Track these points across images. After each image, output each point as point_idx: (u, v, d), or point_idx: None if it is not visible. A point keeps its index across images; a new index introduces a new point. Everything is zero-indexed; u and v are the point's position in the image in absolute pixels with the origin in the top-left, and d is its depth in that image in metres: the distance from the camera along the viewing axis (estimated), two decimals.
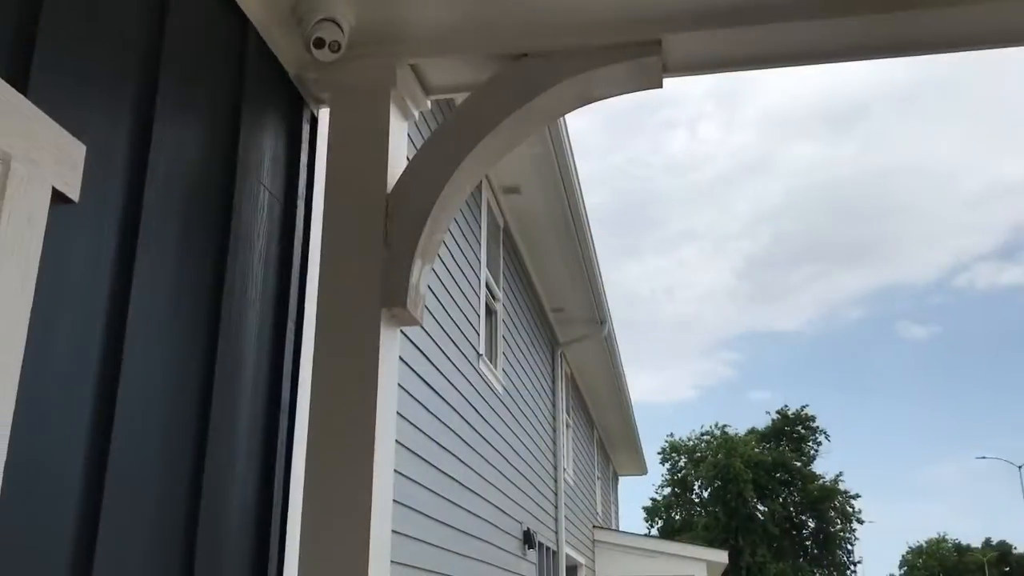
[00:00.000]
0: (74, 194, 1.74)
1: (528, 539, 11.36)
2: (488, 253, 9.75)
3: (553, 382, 14.79)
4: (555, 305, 13.95)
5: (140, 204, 1.98)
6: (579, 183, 10.46)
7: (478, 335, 9.12)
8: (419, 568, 6.73)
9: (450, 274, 8.04)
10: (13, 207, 1.58)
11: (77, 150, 1.77)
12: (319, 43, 2.60)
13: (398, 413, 6.21)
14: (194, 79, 2.27)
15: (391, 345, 2.64)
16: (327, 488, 2.43)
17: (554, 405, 14.72)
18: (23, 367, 1.58)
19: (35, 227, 1.63)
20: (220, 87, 2.41)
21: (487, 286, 9.73)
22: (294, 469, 2.61)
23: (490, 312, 10.07)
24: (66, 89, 1.77)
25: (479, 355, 9.14)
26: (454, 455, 7.91)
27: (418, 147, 2.77)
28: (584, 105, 2.88)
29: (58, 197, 1.70)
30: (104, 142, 1.89)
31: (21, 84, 1.63)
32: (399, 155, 2.82)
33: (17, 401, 1.56)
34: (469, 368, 8.64)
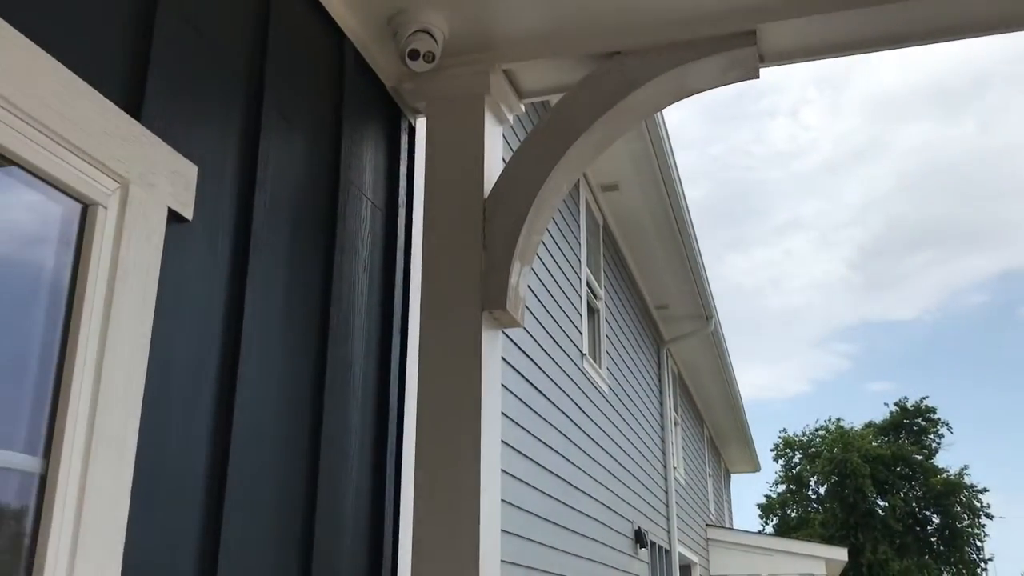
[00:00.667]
0: (188, 213, 1.83)
1: (640, 538, 11.29)
2: (588, 252, 9.73)
3: (660, 380, 14.66)
4: (659, 302, 13.81)
5: (250, 219, 2.07)
6: (679, 176, 10.33)
7: (581, 334, 9.11)
8: (529, 567, 6.77)
9: (550, 274, 8.06)
10: (133, 229, 1.67)
11: (190, 171, 1.86)
12: (414, 54, 2.65)
13: (503, 413, 6.27)
14: (296, 96, 2.35)
15: (493, 347, 2.67)
16: (436, 492, 2.48)
17: (661, 403, 14.58)
18: (146, 381, 1.67)
19: (153, 246, 1.72)
20: (321, 102, 2.49)
21: (588, 285, 9.71)
22: (404, 473, 2.67)
23: (592, 311, 10.05)
24: (177, 113, 1.87)
25: (582, 354, 9.13)
26: (560, 454, 7.92)
27: (514, 150, 2.80)
28: (680, 99, 2.85)
29: (173, 217, 1.80)
30: (214, 161, 1.98)
31: (135, 110, 1.73)
32: (495, 159, 2.86)
33: (141, 414, 1.65)
34: (573, 367, 8.65)
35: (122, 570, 1.56)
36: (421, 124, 2.99)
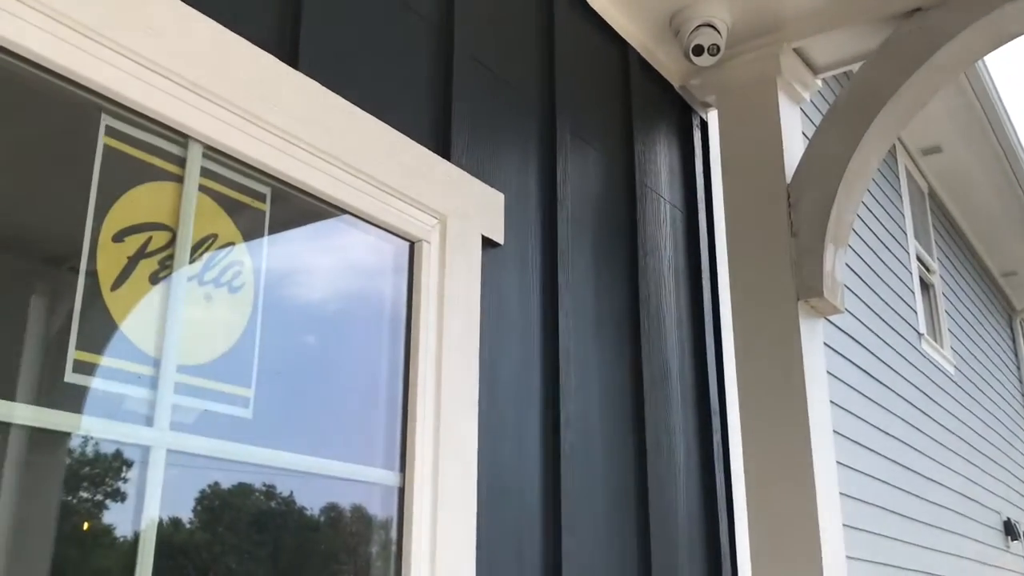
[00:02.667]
0: (500, 238, 1.96)
1: (1010, 530, 10.19)
2: (914, 223, 8.99)
3: (1016, 354, 13.17)
4: (1005, 269, 12.41)
5: (555, 236, 2.16)
6: (1013, 126, 9.25)
7: (916, 313, 8.43)
8: (882, 564, 6.36)
9: (873, 252, 7.55)
10: (453, 259, 1.81)
11: (498, 199, 1.98)
12: (698, 50, 2.63)
13: (832, 402, 5.95)
14: (586, 111, 2.42)
15: (813, 336, 2.57)
16: (768, 490, 2.42)
17: (1021, 380, 13.08)
18: (479, 399, 1.80)
19: (472, 273, 1.86)
20: (610, 113, 2.55)
21: (918, 259, 8.97)
22: (734, 472, 2.64)
23: (926, 287, 9.26)
24: (480, 147, 2.00)
25: (920, 335, 8.44)
26: (903, 442, 7.37)
27: (813, 130, 2.67)
28: (999, 46, 2.57)
29: (487, 243, 1.93)
30: (518, 186, 2.10)
31: (444, 151, 1.88)
32: (794, 142, 2.75)
33: (478, 430, 1.78)
34: (910, 350, 8.02)
35: (476, 573, 1.69)
36: (712, 118, 2.95)
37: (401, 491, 1.65)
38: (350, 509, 1.64)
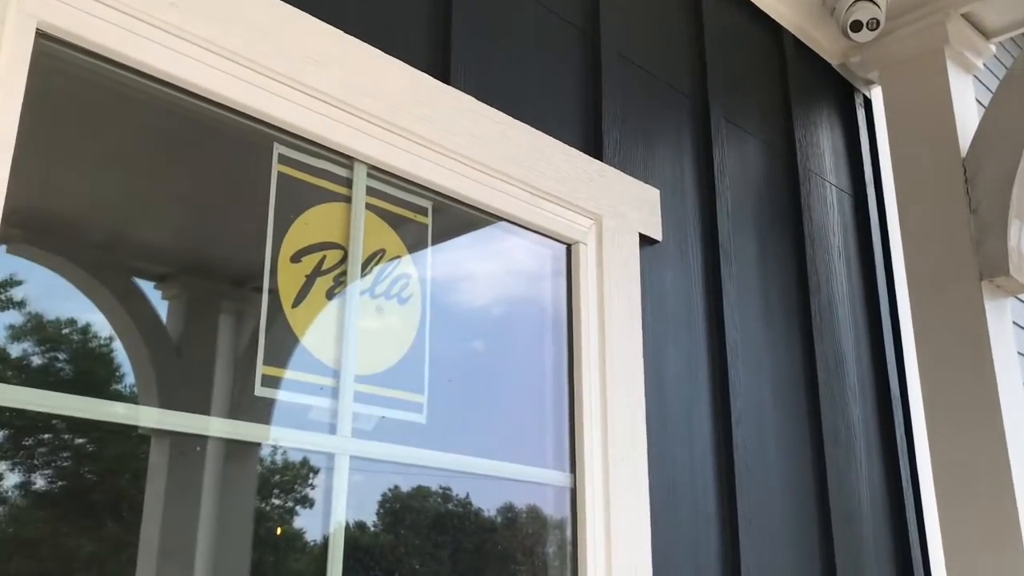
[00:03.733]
0: (657, 234, 1.95)
1: None
2: None
3: None
4: None
5: (715, 228, 2.12)
6: None
7: None
8: None
9: None
10: (611, 259, 1.82)
11: (653, 195, 1.97)
12: (856, 26, 2.52)
13: None
14: (740, 99, 2.37)
15: (1000, 317, 2.40)
16: (959, 480, 2.28)
17: None
18: (645, 397, 1.79)
19: (631, 272, 1.85)
20: (766, 98, 2.48)
21: None
22: (919, 463, 2.51)
23: None
24: (632, 144, 1.99)
25: None
26: None
27: (989, 98, 2.50)
28: None
29: (645, 240, 1.92)
30: (673, 180, 2.07)
31: (596, 151, 1.88)
32: (967, 114, 2.58)
33: (646, 429, 1.77)
34: None
35: (652, 572, 1.69)
36: (876, 95, 2.82)
37: (573, 491, 1.67)
38: (524, 510, 1.67)
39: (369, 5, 1.55)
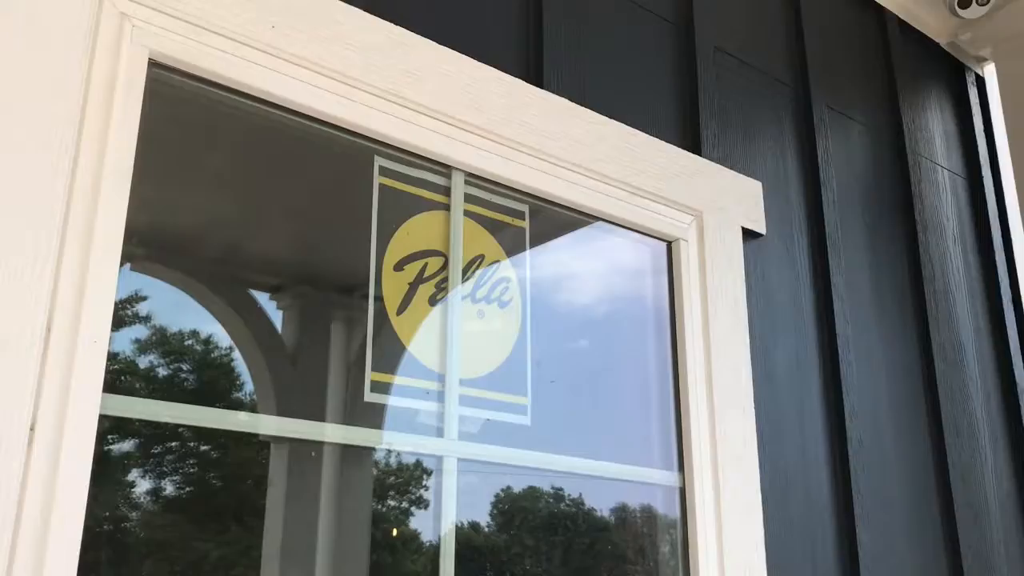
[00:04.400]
0: (760, 227, 1.91)
1: None
2: None
3: None
4: None
5: (821, 218, 2.07)
6: None
7: None
8: None
9: None
10: (713, 254, 1.79)
11: (755, 188, 1.94)
12: (963, 2, 2.43)
13: None
14: (843, 85, 2.30)
15: None
16: None
17: None
18: (754, 394, 1.76)
19: (735, 267, 1.82)
20: (870, 83, 2.40)
21: None
22: None
23: None
24: (732, 137, 1.97)
25: None
26: None
27: None
28: None
29: (748, 234, 1.89)
30: (775, 172, 2.03)
31: (694, 147, 1.86)
32: None
33: (756, 425, 1.74)
34: None
35: (767, 571, 1.66)
36: (990, 72, 2.70)
37: (682, 491, 1.66)
38: (633, 510, 1.67)
39: (461, 16, 1.57)
